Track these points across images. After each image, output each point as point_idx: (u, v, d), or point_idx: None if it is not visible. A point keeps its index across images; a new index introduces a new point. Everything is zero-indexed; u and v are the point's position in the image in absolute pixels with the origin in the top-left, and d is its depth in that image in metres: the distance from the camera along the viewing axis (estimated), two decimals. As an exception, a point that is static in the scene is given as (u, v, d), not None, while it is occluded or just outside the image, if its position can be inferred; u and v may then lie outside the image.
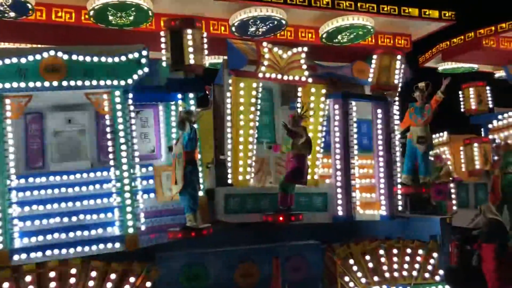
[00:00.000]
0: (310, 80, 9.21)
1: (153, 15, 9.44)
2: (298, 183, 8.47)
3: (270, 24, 10.00)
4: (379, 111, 9.69)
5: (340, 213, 9.18)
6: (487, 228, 9.56)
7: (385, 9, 10.56)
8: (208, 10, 10.02)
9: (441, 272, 9.10)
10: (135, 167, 7.65)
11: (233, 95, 8.60)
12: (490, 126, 13.30)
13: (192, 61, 8.26)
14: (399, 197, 10.05)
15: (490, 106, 14.35)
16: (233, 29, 10.13)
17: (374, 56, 10.34)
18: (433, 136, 13.91)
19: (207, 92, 9.68)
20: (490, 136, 12.85)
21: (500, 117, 12.20)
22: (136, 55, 7.48)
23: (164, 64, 8.36)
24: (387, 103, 9.84)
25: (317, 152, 9.26)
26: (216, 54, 11.52)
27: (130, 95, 7.61)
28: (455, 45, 13.80)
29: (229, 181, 8.53)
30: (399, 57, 10.41)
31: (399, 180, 10.26)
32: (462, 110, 14.86)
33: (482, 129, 13.68)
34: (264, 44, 8.88)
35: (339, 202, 9.20)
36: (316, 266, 8.42)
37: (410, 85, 10.95)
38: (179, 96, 8.26)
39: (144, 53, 7.50)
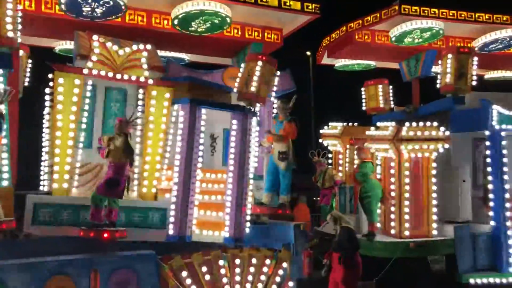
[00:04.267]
0: (151, 81, 8.98)
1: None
2: (112, 196, 8.07)
3: (106, 5, 9.65)
4: (234, 122, 9.47)
5: (172, 232, 8.79)
6: (337, 237, 9.71)
7: (242, -4, 10.59)
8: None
9: (291, 283, 9.10)
10: None
11: (55, 91, 8.21)
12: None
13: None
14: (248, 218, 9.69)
15: (392, 105, 14.90)
16: (63, 7, 9.70)
17: (243, 65, 10.23)
18: (329, 127, 14.24)
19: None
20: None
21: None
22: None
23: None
24: (244, 114, 9.52)
25: (157, 162, 8.98)
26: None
27: None
28: (333, 41, 14.13)
29: (45, 188, 8.11)
30: (265, 64, 10.00)
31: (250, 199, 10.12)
32: (364, 108, 15.35)
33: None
34: (95, 37, 8.63)
35: (172, 219, 8.81)
36: (148, 280, 8.12)
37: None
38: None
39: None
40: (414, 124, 11.14)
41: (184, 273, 8.31)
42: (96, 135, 8.93)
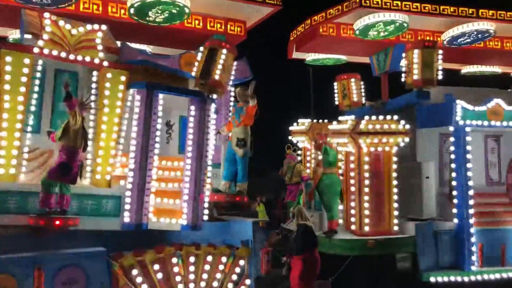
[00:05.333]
0: (106, 63, 8.78)
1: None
2: (64, 182, 7.89)
3: None
4: (192, 108, 9.29)
5: (127, 219, 8.61)
6: (295, 234, 9.69)
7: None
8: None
9: (248, 281, 9.05)
10: None
11: (1, 70, 7.95)
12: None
13: None
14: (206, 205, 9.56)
15: (363, 100, 14.89)
16: None
17: (201, 48, 9.89)
18: (298, 123, 14.21)
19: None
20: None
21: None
22: None
23: None
24: (203, 100, 9.39)
25: (111, 148, 8.81)
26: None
27: None
28: (299, 34, 14.08)
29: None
30: (224, 51, 9.69)
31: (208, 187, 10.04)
32: (336, 103, 15.33)
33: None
34: (47, 15, 8.38)
35: (127, 207, 8.64)
36: (98, 278, 7.97)
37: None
38: None
39: None
40: (373, 117, 11.07)
41: (135, 271, 8.20)
42: (45, 119, 8.72)
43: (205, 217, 9.19)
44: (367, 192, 10.90)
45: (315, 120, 14.60)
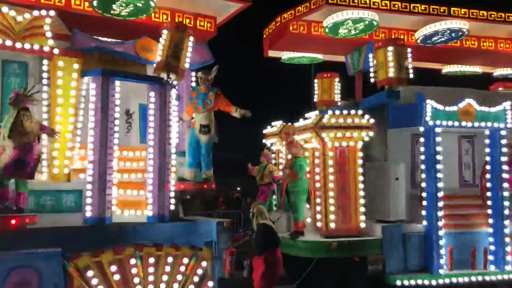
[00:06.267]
0: (56, 51, 8.62)
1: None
2: (23, 177, 7.83)
3: None
4: (152, 94, 9.15)
5: (90, 214, 8.47)
6: (255, 234, 9.65)
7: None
8: None
9: (211, 283, 8.97)
10: None
11: None
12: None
13: None
14: (172, 194, 9.50)
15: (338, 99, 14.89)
16: None
17: (164, 31, 9.88)
18: (272, 126, 14.16)
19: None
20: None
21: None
22: None
23: None
24: (163, 86, 9.25)
25: (68, 140, 8.69)
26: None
27: None
28: (271, 32, 14.03)
29: None
30: (185, 34, 9.85)
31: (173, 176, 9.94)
32: (314, 101, 15.30)
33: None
34: (-13, 2, 8.22)
35: (88, 201, 8.48)
36: (52, 280, 7.86)
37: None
38: None
39: None
40: (337, 112, 11.01)
41: (90, 273, 8.07)
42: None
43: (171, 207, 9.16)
44: (332, 188, 10.82)
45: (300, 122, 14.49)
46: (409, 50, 12.11)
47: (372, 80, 12.56)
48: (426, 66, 16.94)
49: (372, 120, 10.99)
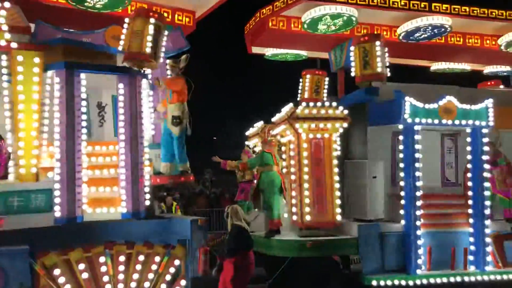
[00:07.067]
0: (14, 45, 8.45)
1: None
2: None
3: None
4: (121, 86, 9.00)
5: (59, 214, 8.42)
6: (228, 235, 9.63)
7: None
8: None
9: (183, 282, 8.95)
10: None
11: None
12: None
13: None
14: (147, 189, 9.32)
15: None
16: None
17: (127, 20, 9.51)
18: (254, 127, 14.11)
19: None
20: None
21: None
22: None
23: None
24: (132, 76, 9.05)
25: (33, 138, 8.55)
26: None
27: None
28: (252, 28, 14.02)
29: None
30: (152, 20, 9.26)
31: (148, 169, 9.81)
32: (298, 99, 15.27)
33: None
34: None
35: (57, 200, 8.43)
36: (17, 278, 7.82)
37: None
38: None
39: None
40: (311, 104, 10.95)
41: (57, 271, 8.04)
42: None
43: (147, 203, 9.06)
44: (307, 180, 10.72)
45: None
46: (386, 46, 12.04)
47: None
48: (415, 63, 16.99)
49: (346, 111, 10.93)
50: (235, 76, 41.30)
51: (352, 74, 12.44)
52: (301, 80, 15.83)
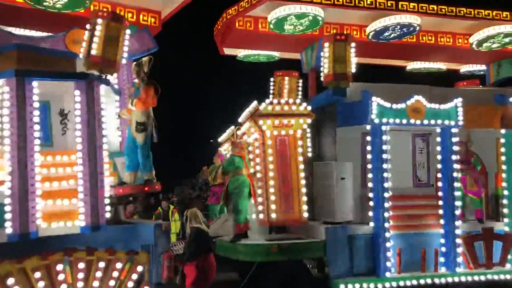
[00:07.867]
0: None
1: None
2: None
3: None
4: (77, 92, 8.65)
5: (11, 230, 8.04)
6: (188, 239, 9.55)
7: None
8: None
9: (146, 289, 8.83)
10: None
11: None
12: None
13: None
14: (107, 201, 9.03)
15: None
16: None
17: (98, 21, 9.06)
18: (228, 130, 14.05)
19: None
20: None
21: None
22: None
23: None
24: (90, 82, 8.71)
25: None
26: None
27: None
28: (220, 29, 13.95)
29: None
30: (104, 21, 8.93)
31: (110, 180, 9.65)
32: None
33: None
34: None
35: (8, 216, 8.07)
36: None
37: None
38: None
39: None
40: (275, 100, 10.87)
41: (11, 280, 7.89)
42: None
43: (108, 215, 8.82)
44: (273, 177, 10.62)
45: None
46: (353, 45, 11.94)
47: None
48: (390, 63, 17.01)
49: (309, 108, 10.87)
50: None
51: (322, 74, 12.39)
52: (272, 80, 15.75)
